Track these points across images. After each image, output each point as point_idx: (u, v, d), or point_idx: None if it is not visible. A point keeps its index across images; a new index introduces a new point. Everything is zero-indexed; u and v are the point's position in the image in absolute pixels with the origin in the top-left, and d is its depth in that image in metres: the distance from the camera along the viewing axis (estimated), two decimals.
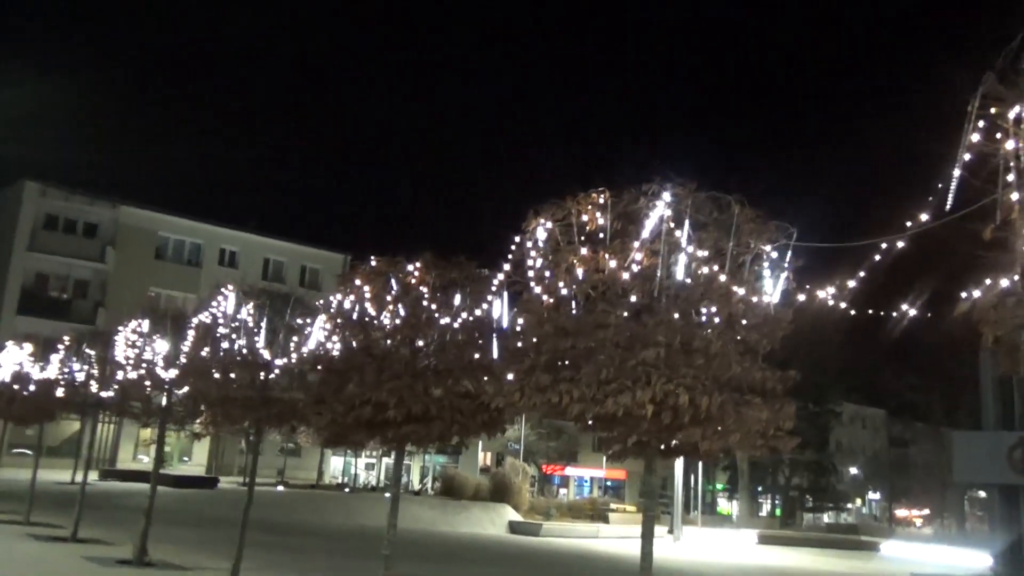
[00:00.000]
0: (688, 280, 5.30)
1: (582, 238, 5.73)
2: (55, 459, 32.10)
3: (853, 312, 5.44)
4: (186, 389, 11.52)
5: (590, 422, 5.48)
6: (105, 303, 41.53)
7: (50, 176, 42.02)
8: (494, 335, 7.70)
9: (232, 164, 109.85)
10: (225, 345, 9.97)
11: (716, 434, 5.16)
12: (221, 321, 9.95)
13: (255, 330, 9.60)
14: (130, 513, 21.04)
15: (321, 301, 9.88)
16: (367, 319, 7.63)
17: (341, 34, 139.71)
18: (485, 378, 7.75)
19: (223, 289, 10.03)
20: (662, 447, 5.68)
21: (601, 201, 5.66)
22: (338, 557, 16.94)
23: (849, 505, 71.61)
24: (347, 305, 7.89)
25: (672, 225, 5.29)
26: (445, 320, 7.47)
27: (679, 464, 35.89)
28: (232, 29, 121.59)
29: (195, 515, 22.70)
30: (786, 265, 5.71)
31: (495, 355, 7.75)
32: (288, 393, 10.02)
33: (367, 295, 7.70)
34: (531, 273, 5.91)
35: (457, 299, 7.64)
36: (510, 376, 6.10)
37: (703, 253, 5.26)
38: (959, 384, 45.63)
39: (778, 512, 62.49)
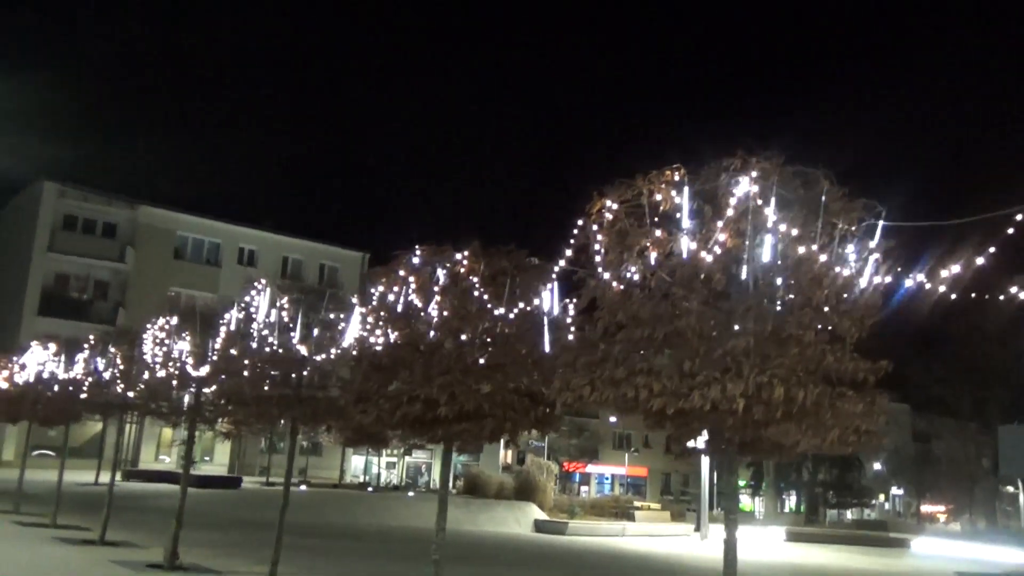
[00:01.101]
0: (778, 262, 4.87)
1: (655, 219, 5.30)
2: (77, 460, 31.94)
3: (953, 296, 4.98)
4: (214, 388, 11.21)
5: (668, 417, 5.05)
6: (125, 303, 41.44)
7: (68, 177, 42.01)
8: (545, 327, 7.32)
9: (248, 162, 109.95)
10: (256, 343, 9.64)
11: (812, 430, 4.72)
12: (255, 317, 9.59)
13: (290, 326, 9.23)
14: (155, 514, 20.80)
15: (354, 298, 9.56)
16: (413, 311, 7.23)
17: (359, 31, 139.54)
18: (535, 373, 7.43)
19: (255, 285, 9.67)
20: (743, 444, 5.26)
21: (676, 179, 5.23)
22: (378, 560, 16.63)
23: (873, 501, 70.79)
24: (390, 297, 7.50)
25: (760, 202, 4.85)
26: (497, 312, 7.06)
27: (705, 461, 35.38)
28: (251, 28, 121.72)
29: (220, 516, 22.42)
30: (875, 246, 5.26)
31: (547, 348, 7.38)
32: (322, 391, 9.69)
33: (412, 286, 7.30)
34: (598, 258, 5.49)
35: (507, 290, 7.23)
36: (560, 369, 5.72)
37: (794, 232, 4.82)
38: (989, 377, 44.89)
39: (800, 508, 61.86)
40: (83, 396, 15.05)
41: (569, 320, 7.39)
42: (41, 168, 45.94)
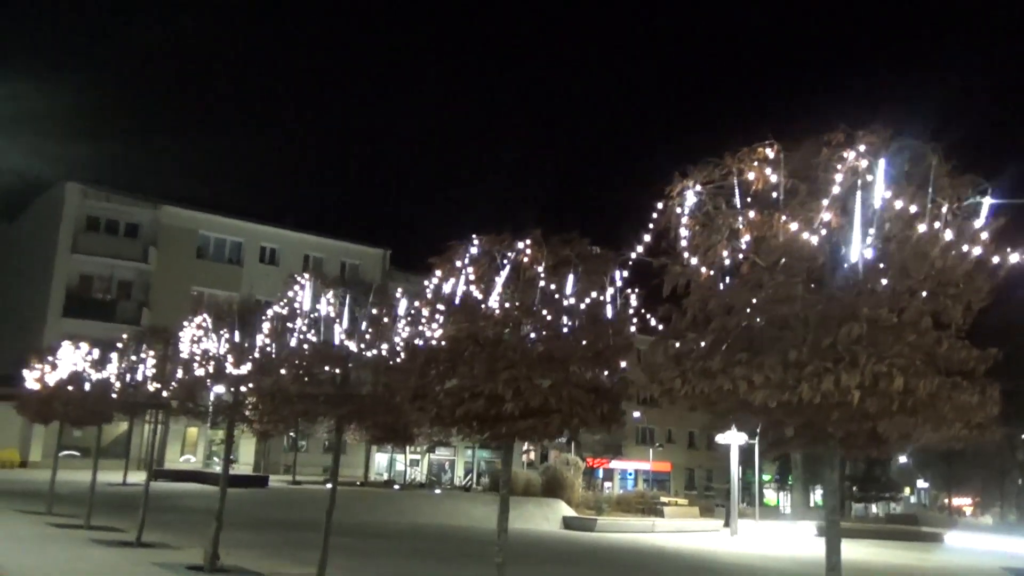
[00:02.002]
0: (888, 243, 4.52)
1: (748, 199, 4.97)
2: (103, 460, 31.86)
3: None
4: (251, 386, 10.96)
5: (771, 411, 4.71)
6: (149, 303, 41.43)
7: (91, 178, 42.05)
8: (610, 319, 7.01)
9: (269, 161, 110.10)
10: (300, 339, 9.38)
11: (929, 423, 4.38)
12: (299, 313, 9.31)
13: (336, 321, 8.95)
14: (185, 514, 20.67)
15: (399, 291, 9.27)
16: (472, 303, 6.92)
17: (384, 26, 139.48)
18: (600, 368, 7.11)
19: (299, 279, 9.39)
20: (844, 438, 4.92)
21: (770, 155, 4.89)
22: (424, 560, 16.42)
23: (900, 495, 70.05)
24: (446, 289, 7.19)
25: (869, 179, 4.50)
26: (565, 302, 6.74)
27: (734, 455, 34.95)
28: (274, 28, 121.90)
29: (249, 516, 22.25)
30: (982, 226, 4.90)
31: (611, 341, 7.07)
32: (366, 388, 9.42)
33: (471, 277, 6.98)
34: (683, 243, 5.15)
35: (571, 280, 6.91)
36: (623, 363, 5.39)
37: (905, 210, 4.47)
38: (1019, 368, 43.99)
39: (823, 502, 61.17)
40: (116, 396, 14.87)
41: (632, 311, 7.08)
42: (63, 169, 45.96)
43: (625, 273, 7.01)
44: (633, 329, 7.20)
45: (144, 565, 11.53)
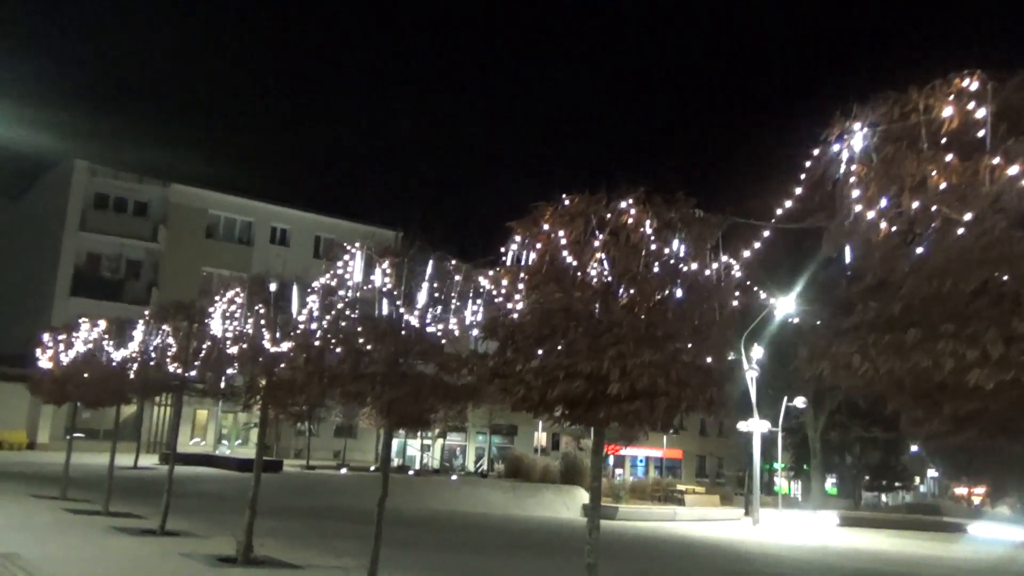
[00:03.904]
0: None
1: (941, 140, 4.13)
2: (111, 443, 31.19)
3: None
4: (286, 366, 10.18)
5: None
6: (158, 283, 40.65)
7: (99, 155, 41.19)
8: (717, 290, 6.21)
9: (279, 141, 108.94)
10: (351, 314, 8.59)
11: None
12: (349, 285, 8.51)
13: (395, 295, 8.14)
14: (202, 499, 19.97)
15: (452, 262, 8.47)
16: (565, 272, 6.10)
17: (398, 8, 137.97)
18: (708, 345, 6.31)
19: (350, 248, 8.58)
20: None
21: (973, 88, 4.05)
22: (460, 552, 15.74)
23: (913, 484, 69.44)
24: (531, 256, 6.37)
25: None
26: (669, 271, 5.93)
27: (757, 443, 34.24)
28: (286, 8, 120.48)
29: (266, 501, 21.51)
30: None
31: (717, 315, 6.27)
32: (423, 367, 8.64)
33: (562, 242, 6.16)
34: (855, 194, 4.33)
35: (675, 246, 6.10)
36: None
37: None
38: None
39: (834, 491, 60.57)
40: (131, 377, 14.11)
41: (736, 282, 6.28)
42: (71, 146, 45.05)
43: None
44: (736, 303, 6.41)
45: (172, 556, 10.78)
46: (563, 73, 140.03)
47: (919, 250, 4.06)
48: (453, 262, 8.57)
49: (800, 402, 39.36)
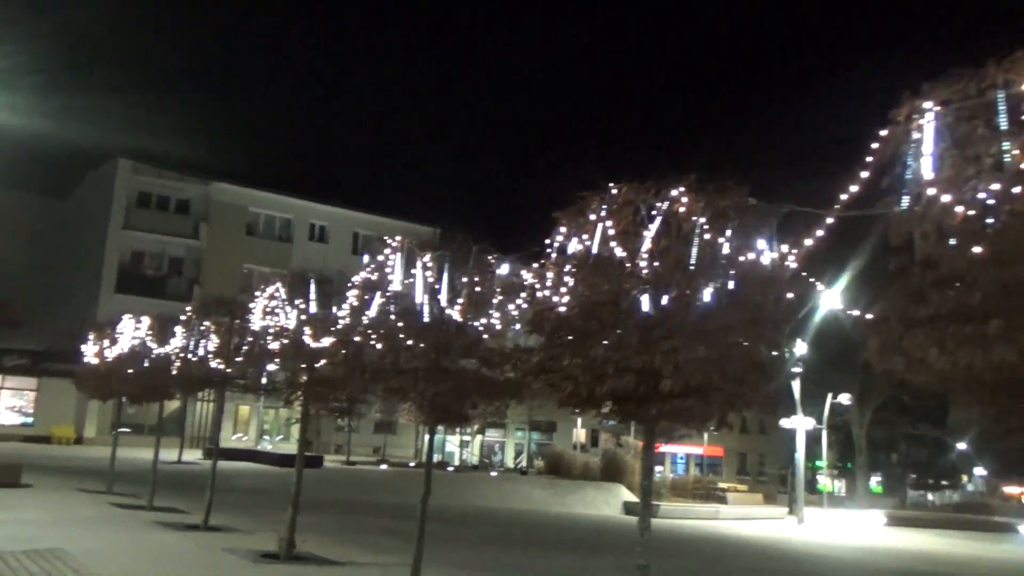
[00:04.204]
0: None
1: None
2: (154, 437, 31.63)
3: None
4: (326, 363, 10.10)
5: None
6: (200, 280, 41.12)
7: (142, 154, 41.78)
8: (771, 282, 5.95)
9: (317, 138, 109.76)
10: (393, 309, 8.46)
11: None
12: (391, 280, 8.38)
13: (436, 289, 8.00)
14: (244, 495, 20.08)
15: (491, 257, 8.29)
16: (614, 262, 5.89)
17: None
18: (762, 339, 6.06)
19: (390, 242, 8.45)
20: None
21: None
22: (508, 549, 15.64)
23: (959, 483, 67.88)
24: (579, 247, 6.17)
25: None
26: (722, 261, 5.69)
27: (801, 441, 33.64)
28: (323, 4, 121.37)
29: (307, 497, 21.62)
30: None
31: (772, 308, 6.01)
32: (465, 363, 8.48)
33: (610, 232, 5.95)
34: (929, 175, 4.07)
35: (728, 235, 5.85)
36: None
37: None
38: None
39: (879, 490, 59.45)
40: (180, 372, 14.16)
41: (790, 273, 6.01)
42: (115, 140, 45.75)
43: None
44: (791, 295, 6.15)
45: (215, 552, 10.78)
46: (605, 59, 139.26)
47: (997, 235, 3.80)
48: (494, 256, 8.41)
49: (845, 398, 38.55)
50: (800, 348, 32.35)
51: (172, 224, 41.82)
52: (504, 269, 8.24)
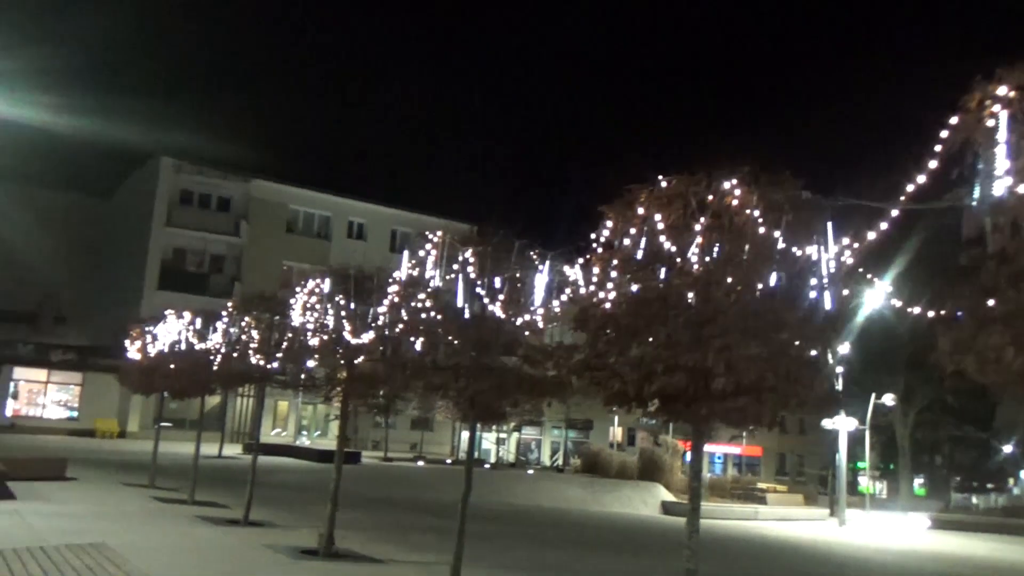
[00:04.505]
0: None
1: None
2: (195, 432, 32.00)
3: None
4: (367, 359, 10.04)
5: None
6: (240, 276, 41.54)
7: (184, 152, 42.32)
8: (824, 279, 5.74)
9: (357, 135, 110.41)
10: (433, 305, 8.36)
11: None
12: (430, 275, 8.28)
13: (478, 284, 7.88)
14: (281, 489, 20.15)
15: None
16: (663, 257, 5.72)
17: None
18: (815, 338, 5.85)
19: (431, 237, 8.35)
20: None
21: None
22: (547, 548, 15.51)
23: (1006, 486, 66.30)
24: (626, 241, 6.01)
25: None
26: (776, 256, 5.49)
27: (843, 442, 33.03)
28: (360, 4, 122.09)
29: (345, 493, 21.69)
30: None
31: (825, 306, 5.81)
32: (508, 361, 8.35)
33: (659, 226, 5.78)
34: (1003, 164, 3.85)
35: (781, 230, 5.65)
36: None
37: None
38: None
39: (922, 492, 58.26)
40: (223, 368, 14.24)
41: (847, 269, 5.79)
42: (158, 144, 46.40)
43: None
44: (847, 292, 5.93)
45: (256, 547, 10.79)
46: (650, 47, 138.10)
47: None
48: (536, 251, 8.27)
49: (889, 399, 37.79)
50: (843, 347, 31.73)
51: (214, 221, 42.30)
52: (546, 265, 8.10)
